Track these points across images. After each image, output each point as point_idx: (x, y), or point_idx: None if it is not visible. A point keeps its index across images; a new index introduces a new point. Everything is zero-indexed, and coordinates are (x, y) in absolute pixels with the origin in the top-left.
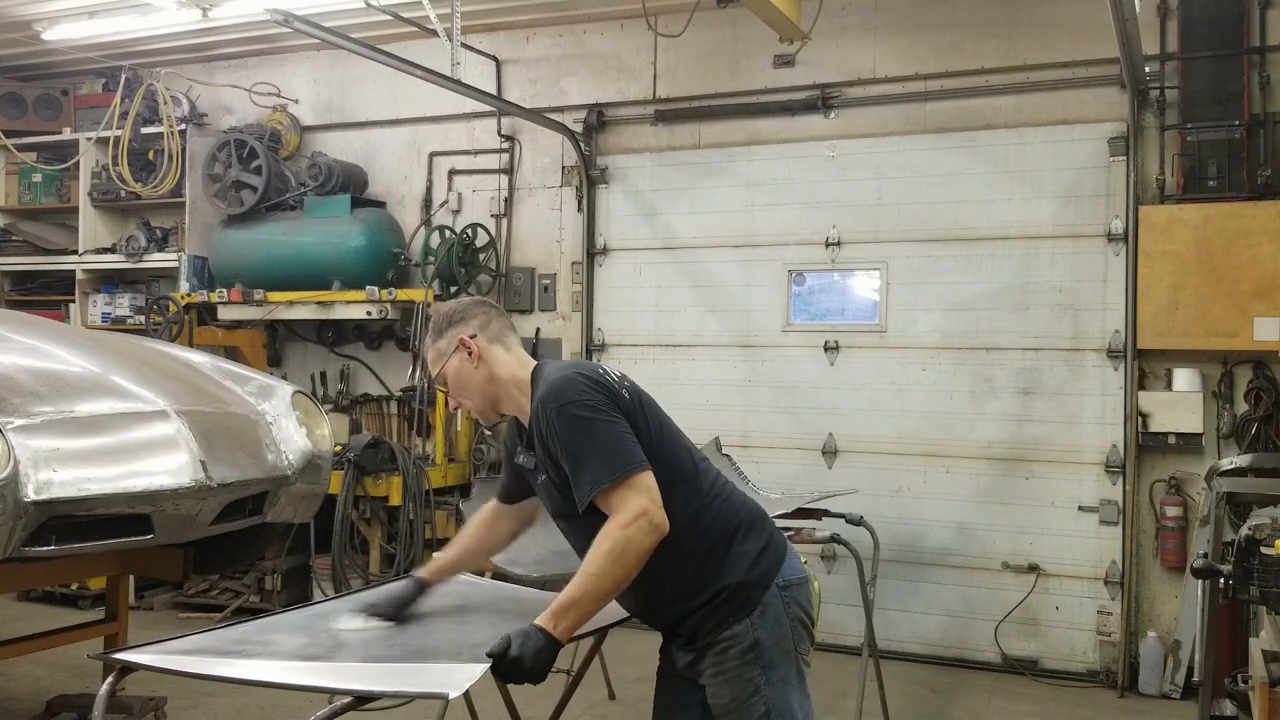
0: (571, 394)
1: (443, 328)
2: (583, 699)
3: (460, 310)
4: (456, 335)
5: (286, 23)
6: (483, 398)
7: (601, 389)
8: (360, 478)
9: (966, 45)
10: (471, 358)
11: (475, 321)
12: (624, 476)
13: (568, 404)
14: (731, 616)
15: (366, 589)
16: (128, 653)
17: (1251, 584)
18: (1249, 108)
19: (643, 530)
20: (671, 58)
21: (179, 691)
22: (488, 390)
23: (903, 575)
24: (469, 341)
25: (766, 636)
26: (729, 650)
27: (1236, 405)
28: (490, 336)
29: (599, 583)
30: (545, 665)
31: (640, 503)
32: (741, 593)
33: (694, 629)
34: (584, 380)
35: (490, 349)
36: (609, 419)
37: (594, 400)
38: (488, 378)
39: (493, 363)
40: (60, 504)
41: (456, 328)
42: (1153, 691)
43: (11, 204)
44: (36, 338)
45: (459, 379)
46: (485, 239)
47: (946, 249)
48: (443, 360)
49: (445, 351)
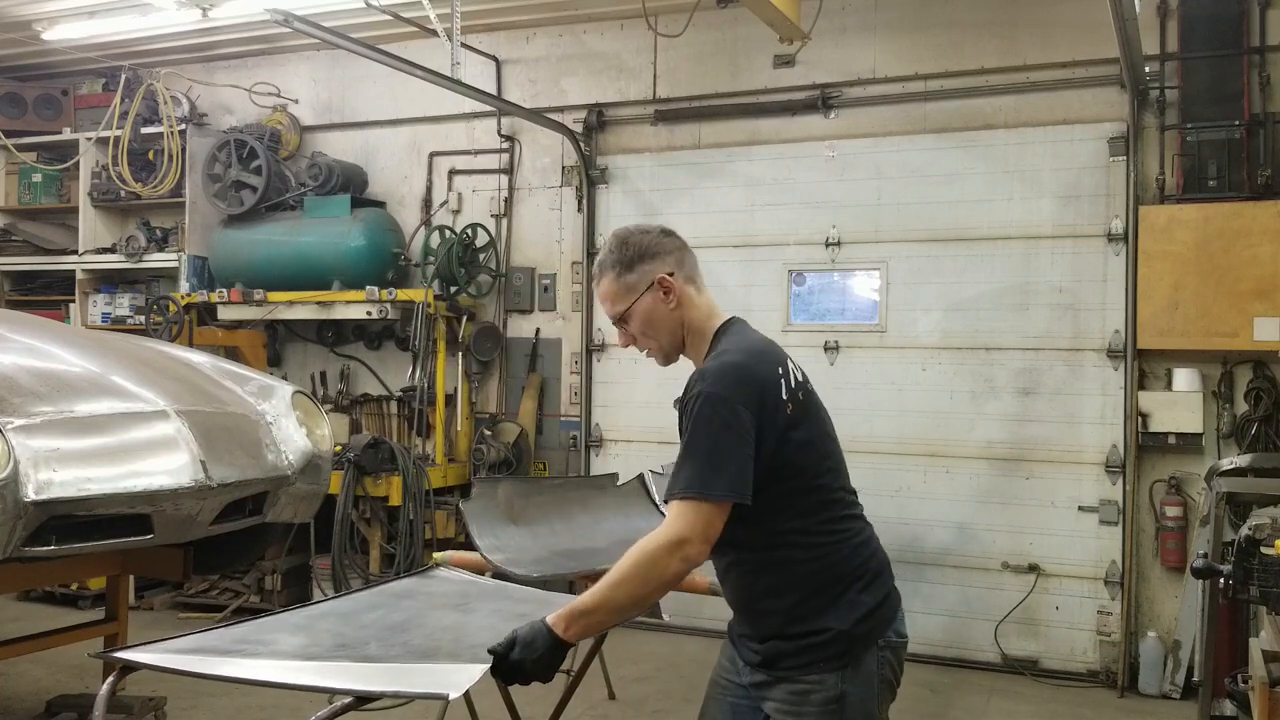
0: (723, 388)
1: (633, 260)
2: (583, 699)
3: (654, 243)
4: (653, 271)
5: (286, 23)
6: (672, 340)
7: (758, 395)
8: (360, 478)
9: (966, 45)
10: (669, 297)
11: (672, 258)
12: (698, 496)
13: (707, 397)
14: (823, 662)
15: (366, 588)
16: (128, 652)
17: (1251, 584)
18: (1249, 108)
19: (677, 559)
20: (671, 58)
21: (179, 691)
22: (677, 332)
23: (903, 575)
24: (668, 280)
25: (853, 693)
26: (812, 694)
27: (1236, 405)
28: (685, 275)
29: (618, 596)
30: (549, 669)
31: (684, 531)
32: (840, 642)
33: (776, 655)
34: (747, 379)
35: (685, 290)
36: (742, 435)
37: (742, 405)
38: (681, 320)
39: (687, 305)
40: (60, 504)
41: (652, 262)
42: (1153, 691)
43: (11, 204)
44: (36, 338)
45: (650, 319)
46: (485, 239)
47: (946, 249)
48: (632, 297)
49: (636, 287)
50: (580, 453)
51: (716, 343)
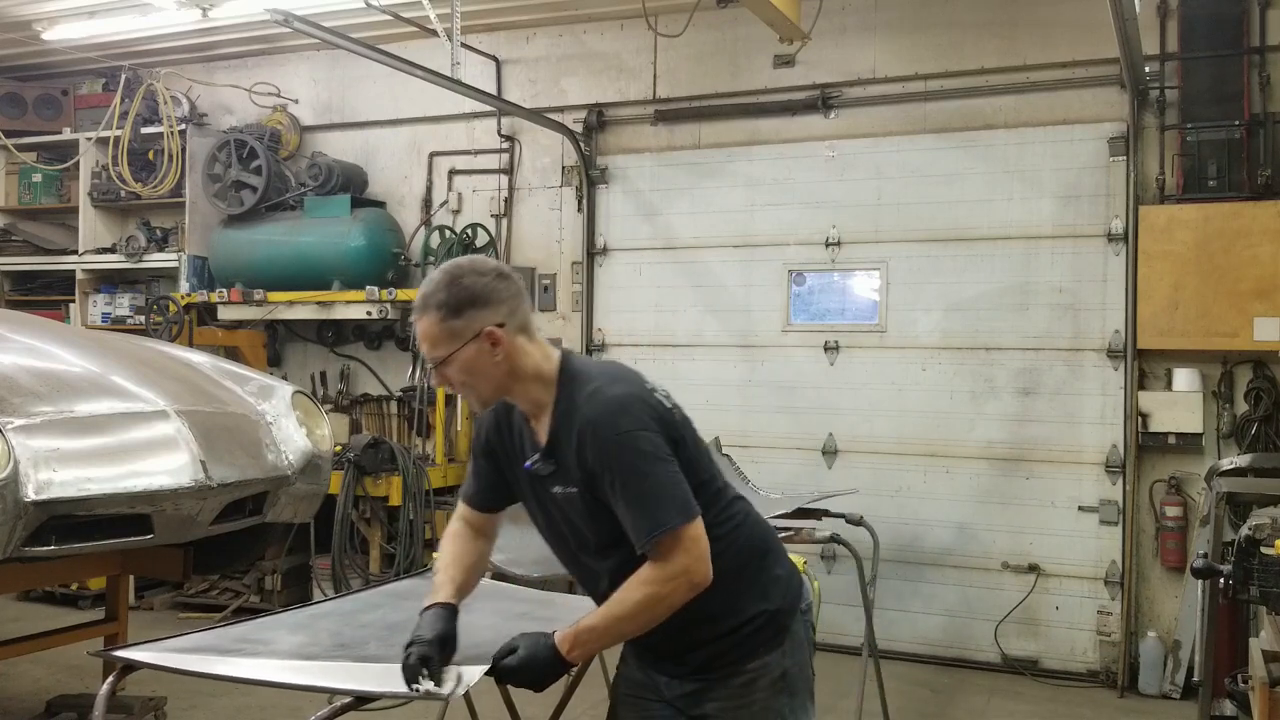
0: (632, 423)
1: (461, 305)
2: (583, 699)
3: (487, 288)
4: (482, 320)
5: (286, 23)
6: (494, 390)
7: (658, 418)
8: (360, 478)
9: (966, 45)
10: (495, 350)
11: (504, 308)
12: (679, 525)
13: (629, 434)
14: (763, 646)
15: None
16: (128, 651)
17: (1251, 584)
18: (1249, 108)
19: (682, 588)
20: (671, 58)
21: (179, 691)
22: (503, 383)
23: (903, 575)
24: (496, 333)
25: (792, 664)
26: (757, 680)
27: (1236, 405)
28: (518, 325)
29: (623, 625)
30: (547, 680)
31: (684, 561)
32: (776, 621)
33: (711, 658)
34: (640, 402)
35: (516, 340)
36: (667, 459)
37: (654, 432)
38: (508, 371)
39: (517, 355)
40: (60, 504)
41: (481, 310)
42: (1153, 691)
43: (11, 204)
44: (36, 338)
45: (472, 369)
46: (485, 239)
47: (946, 249)
48: (455, 344)
49: (460, 335)
50: None
51: (570, 384)
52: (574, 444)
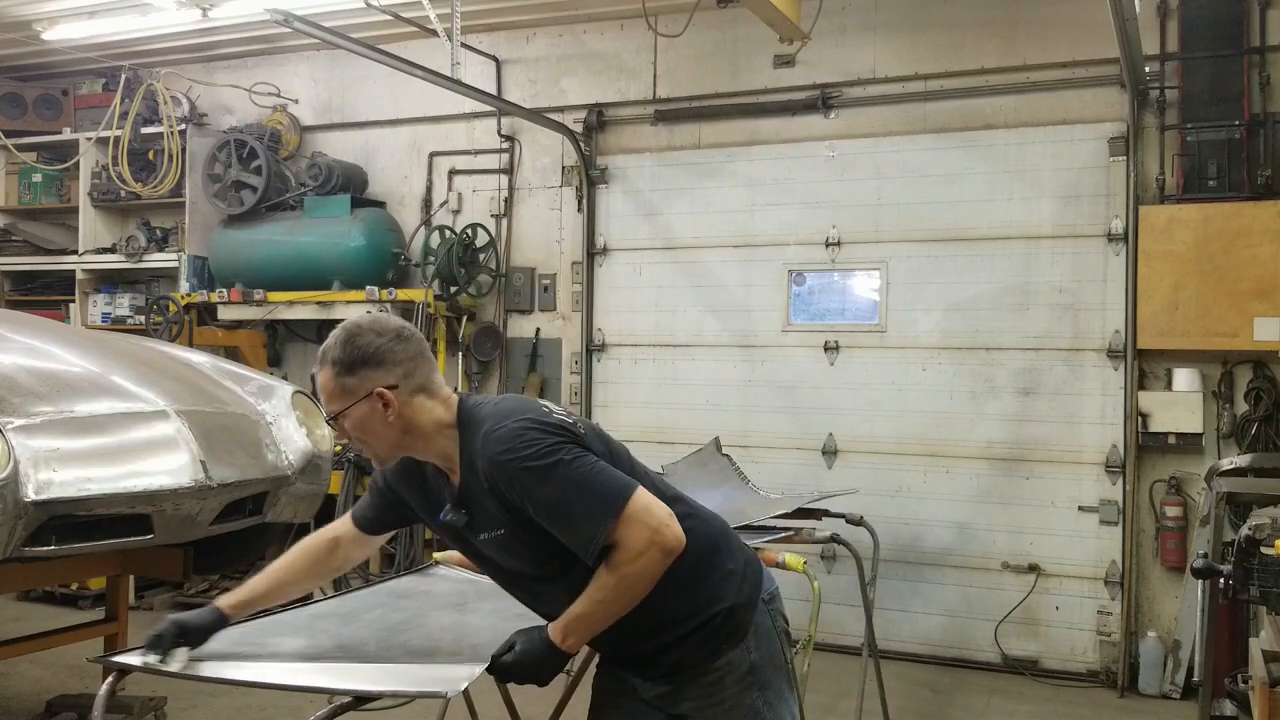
0: (530, 445)
1: (355, 363)
2: (583, 699)
3: (383, 349)
4: (375, 381)
5: (286, 23)
6: (390, 448)
7: (556, 430)
8: (360, 478)
9: (966, 45)
10: (388, 410)
11: (399, 370)
12: (620, 508)
13: (529, 457)
14: (725, 643)
15: (366, 588)
16: (126, 655)
17: (1251, 584)
18: (1249, 108)
19: (655, 560)
20: (671, 58)
21: (179, 691)
22: (399, 441)
23: (903, 575)
24: (387, 395)
25: (760, 657)
26: (725, 678)
27: (1236, 405)
28: (413, 388)
29: (609, 608)
30: (547, 674)
31: (644, 533)
32: (735, 617)
33: (678, 660)
34: (533, 425)
35: (412, 402)
36: (578, 457)
37: (551, 443)
38: (403, 429)
39: (413, 414)
40: (60, 504)
41: (375, 370)
42: (1153, 691)
43: (11, 204)
44: (36, 338)
45: (365, 426)
46: (485, 239)
47: (946, 249)
48: (348, 401)
49: (354, 392)
50: None
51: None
52: (486, 486)
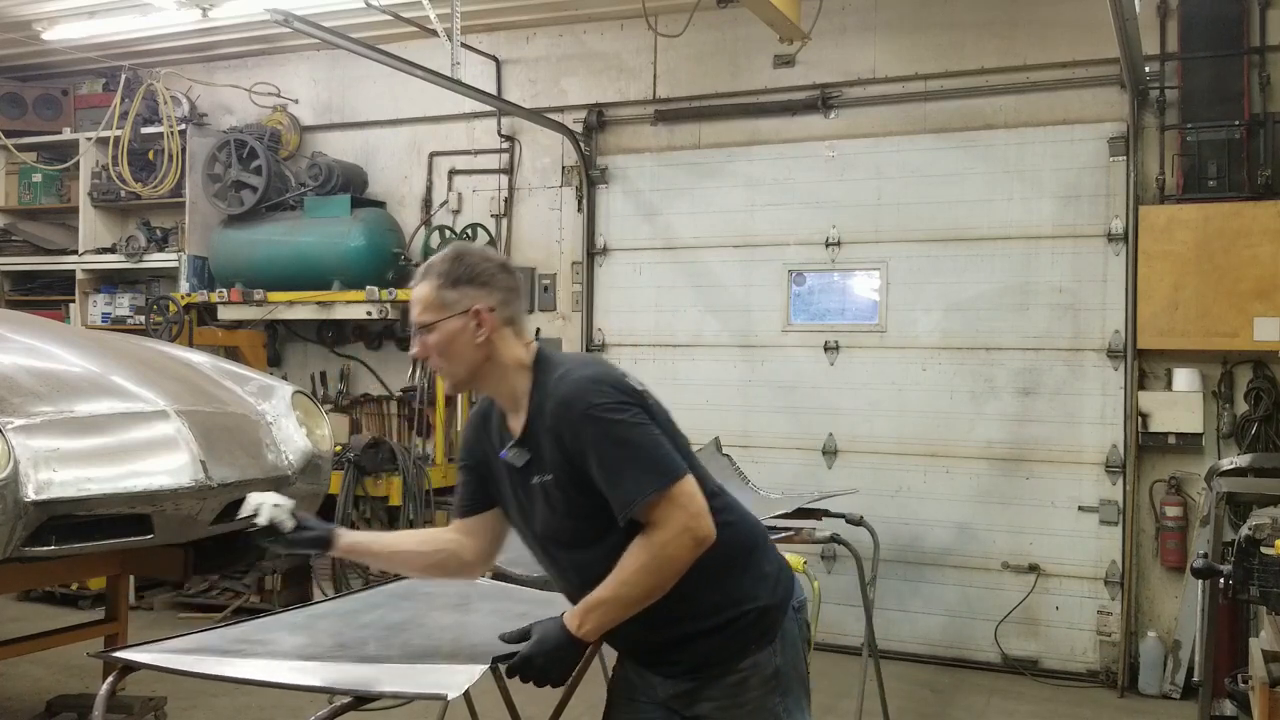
0: (601, 397)
1: (460, 279)
2: (583, 699)
3: (488, 272)
4: (474, 299)
5: (286, 23)
6: (469, 372)
7: (630, 393)
8: (360, 478)
9: (966, 45)
10: (479, 330)
11: (498, 296)
12: (667, 485)
13: (598, 406)
14: (753, 643)
15: (366, 589)
16: (128, 651)
17: (1251, 584)
18: (1249, 108)
19: (685, 547)
20: (671, 58)
21: (179, 691)
22: (478, 368)
23: (903, 575)
24: (484, 314)
25: (785, 663)
26: (750, 679)
27: (1236, 405)
28: (505, 318)
29: (631, 592)
30: (563, 666)
31: (681, 518)
32: (766, 617)
33: (702, 656)
34: (607, 381)
35: (500, 330)
36: (643, 423)
37: (620, 400)
38: (486, 356)
39: (498, 344)
40: (60, 504)
41: (475, 290)
42: (1153, 691)
43: (11, 204)
44: (36, 338)
45: (452, 343)
46: (485, 239)
47: (946, 249)
48: (443, 314)
49: (451, 306)
50: None
51: (543, 373)
52: (549, 426)
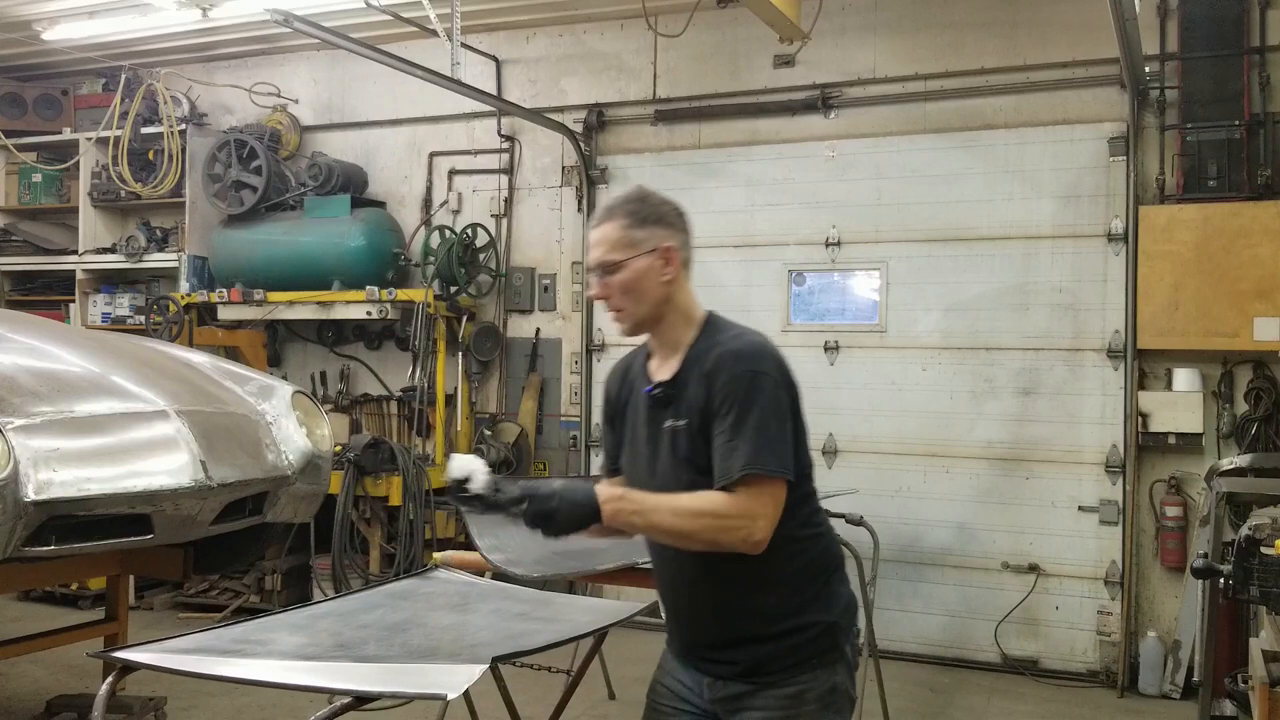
0: (769, 368)
1: (648, 218)
2: (583, 699)
3: (672, 213)
4: (659, 239)
5: (286, 23)
6: (650, 312)
7: (790, 384)
8: (360, 478)
9: (966, 45)
10: (666, 269)
11: (681, 236)
12: (774, 474)
13: (762, 375)
14: (815, 658)
15: (367, 589)
16: (127, 651)
17: (1251, 584)
18: (1249, 108)
19: (734, 534)
20: (671, 58)
21: (179, 691)
22: (658, 309)
23: (903, 575)
24: (673, 252)
25: (841, 683)
26: (806, 693)
27: (1236, 405)
28: (685, 258)
29: (665, 520)
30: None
31: (756, 509)
32: (832, 635)
33: (762, 660)
34: (780, 364)
35: (682, 272)
36: (785, 414)
37: (781, 380)
38: (666, 297)
39: (678, 287)
40: (60, 504)
41: (664, 229)
42: (1153, 691)
43: (11, 204)
44: (36, 338)
45: (639, 282)
46: (485, 239)
47: (946, 249)
48: (632, 252)
49: (639, 245)
50: (580, 453)
51: (715, 329)
52: (706, 371)
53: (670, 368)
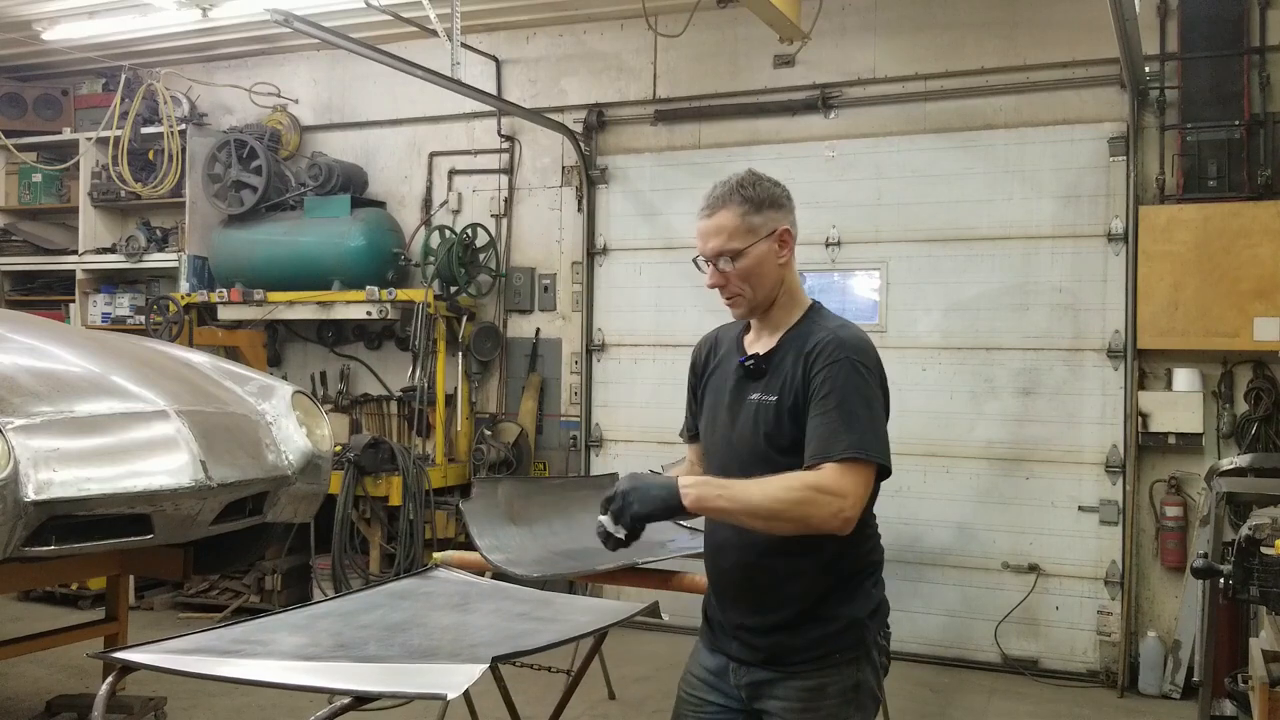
0: (864, 354)
1: (763, 203)
2: (583, 699)
3: (783, 196)
4: (779, 221)
5: (286, 23)
6: (767, 295)
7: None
8: (360, 478)
9: (966, 45)
10: (783, 251)
11: (792, 216)
12: (868, 460)
13: (865, 367)
14: (839, 653)
15: (367, 589)
16: (127, 652)
17: (1251, 584)
18: (1249, 108)
19: (828, 513)
20: (671, 58)
21: (179, 691)
22: (774, 291)
23: (903, 575)
24: (789, 236)
25: (865, 680)
26: (828, 689)
27: (1236, 405)
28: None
29: (754, 500)
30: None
31: (851, 489)
32: (859, 630)
33: (784, 650)
34: (878, 361)
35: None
36: (884, 411)
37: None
38: (780, 280)
39: (789, 267)
40: (60, 504)
41: (778, 213)
42: (1153, 691)
43: (11, 204)
44: (36, 338)
45: (759, 267)
46: (485, 239)
47: (946, 249)
48: (752, 239)
49: (758, 231)
50: (580, 453)
51: (820, 315)
52: (806, 351)
53: (766, 343)
